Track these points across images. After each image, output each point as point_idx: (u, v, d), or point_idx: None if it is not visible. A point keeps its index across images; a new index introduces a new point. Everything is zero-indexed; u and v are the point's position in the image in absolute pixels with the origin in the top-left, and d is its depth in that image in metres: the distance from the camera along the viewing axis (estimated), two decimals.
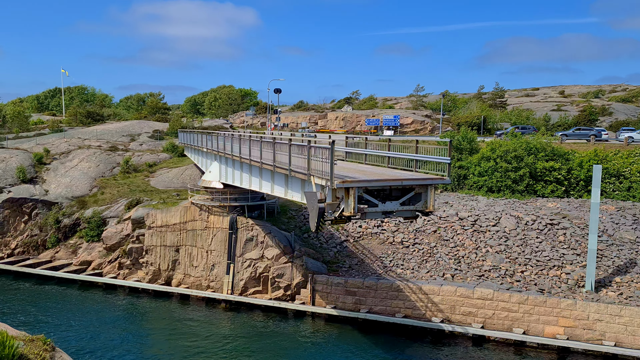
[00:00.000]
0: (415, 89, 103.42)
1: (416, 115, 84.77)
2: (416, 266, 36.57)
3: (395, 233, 39.42)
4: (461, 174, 48.74)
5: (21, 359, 10.09)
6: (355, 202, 19.64)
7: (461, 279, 34.88)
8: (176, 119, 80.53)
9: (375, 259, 37.76)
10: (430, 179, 20.26)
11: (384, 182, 20.23)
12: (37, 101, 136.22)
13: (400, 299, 34.41)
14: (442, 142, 33.84)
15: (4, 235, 49.16)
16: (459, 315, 33.13)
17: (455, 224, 39.34)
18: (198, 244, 41.00)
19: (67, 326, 34.26)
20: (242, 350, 31.19)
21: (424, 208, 20.57)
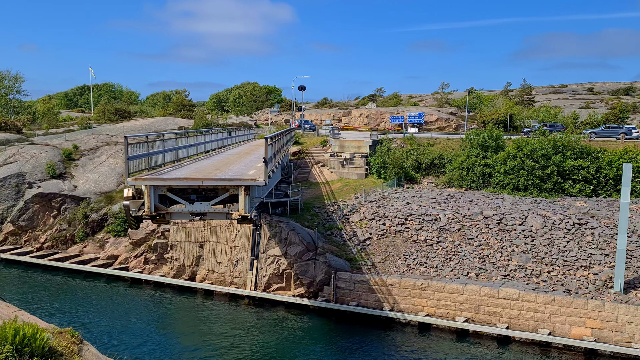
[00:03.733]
0: (440, 86, 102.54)
1: (441, 113, 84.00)
2: (440, 265, 36.28)
3: (419, 231, 39.17)
4: (486, 172, 48.15)
5: (50, 351, 10.31)
6: (151, 201, 17.95)
7: (486, 279, 34.50)
8: (201, 115, 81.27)
9: (398, 256, 37.59)
10: (237, 180, 17.91)
11: (190, 180, 18.13)
12: (66, 98, 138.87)
13: (424, 297, 34.19)
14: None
15: (33, 230, 50.30)
16: (483, 315, 32.78)
17: (480, 223, 38.91)
18: (222, 240, 41.35)
19: (94, 319, 34.92)
20: (265, 346, 31.38)
21: (234, 211, 18.23)
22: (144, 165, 19.86)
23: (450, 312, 33.51)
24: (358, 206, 43.54)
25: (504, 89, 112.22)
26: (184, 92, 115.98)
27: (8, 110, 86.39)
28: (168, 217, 18.57)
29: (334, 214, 42.66)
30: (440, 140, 57.89)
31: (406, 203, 43.46)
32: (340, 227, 40.81)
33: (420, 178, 52.29)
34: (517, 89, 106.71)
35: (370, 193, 47.20)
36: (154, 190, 17.97)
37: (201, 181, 17.85)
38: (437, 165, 52.37)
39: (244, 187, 17.74)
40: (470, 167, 48.87)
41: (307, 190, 48.93)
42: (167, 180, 18.07)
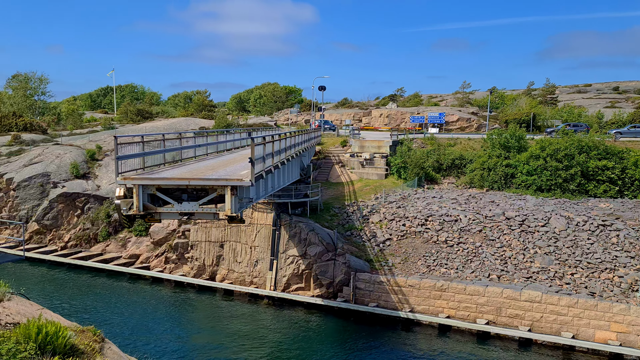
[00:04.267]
0: (461, 86, 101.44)
1: (462, 113, 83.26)
2: (460, 266, 35.94)
3: (439, 232, 38.85)
4: (508, 173, 47.56)
5: (72, 349, 10.43)
6: (140, 201, 18.01)
7: (508, 281, 34.07)
8: (222, 116, 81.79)
9: (418, 257, 37.33)
10: (224, 180, 17.85)
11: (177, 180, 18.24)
12: (90, 99, 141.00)
13: (444, 299, 33.90)
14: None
15: (57, 229, 51.15)
16: (505, 317, 32.37)
17: (502, 224, 38.43)
18: (242, 240, 41.54)
19: (116, 317, 35.35)
20: (284, 347, 31.43)
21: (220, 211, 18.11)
22: (140, 164, 20.14)
23: (471, 314, 33.17)
24: (378, 207, 43.36)
25: (527, 88, 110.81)
26: (205, 93, 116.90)
27: (34, 111, 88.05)
28: (157, 217, 18.61)
29: (353, 215, 42.55)
30: (461, 141, 57.37)
31: (426, 204, 43.15)
32: (360, 227, 40.69)
33: (440, 178, 51.87)
34: (540, 88, 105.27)
35: (391, 193, 46.97)
36: (143, 189, 18.09)
37: (188, 181, 17.94)
38: (457, 166, 51.89)
39: (230, 187, 17.72)
40: (492, 167, 48.31)
41: (327, 191, 48.89)
42: (155, 180, 18.10)
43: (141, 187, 17.95)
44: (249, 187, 18.61)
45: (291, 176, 35.60)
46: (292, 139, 31.34)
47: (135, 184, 17.85)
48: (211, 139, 33.77)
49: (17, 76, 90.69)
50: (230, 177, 18.02)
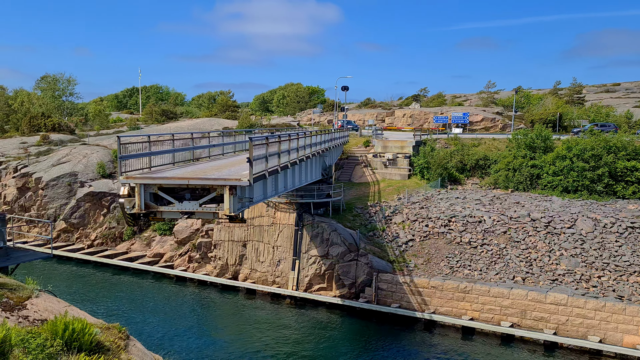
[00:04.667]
0: (486, 85, 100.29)
1: (486, 113, 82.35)
2: (484, 268, 35.55)
3: (462, 233, 38.48)
4: (534, 174, 46.89)
5: (98, 346, 10.61)
6: (141, 200, 18.30)
7: (533, 283, 33.58)
8: (245, 116, 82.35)
9: (441, 259, 37.03)
10: (222, 180, 18.06)
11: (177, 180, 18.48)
12: (116, 100, 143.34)
13: (467, 301, 33.57)
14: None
15: (84, 227, 52.09)
16: (529, 320, 31.92)
17: (527, 225, 37.90)
18: (265, 240, 41.74)
19: (141, 315, 35.85)
20: (306, 347, 31.49)
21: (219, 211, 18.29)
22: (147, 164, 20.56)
23: (495, 317, 32.78)
24: (401, 207, 43.15)
25: (553, 87, 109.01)
26: (229, 93, 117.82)
27: (62, 112, 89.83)
28: (159, 215, 18.92)
29: (376, 215, 42.42)
30: (485, 141, 56.74)
31: (450, 204, 42.78)
32: (383, 228, 40.55)
33: (464, 179, 51.39)
34: (567, 87, 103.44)
35: (413, 194, 46.70)
36: (145, 188, 18.39)
37: (187, 180, 18.10)
38: (482, 166, 51.34)
39: (228, 186, 17.88)
40: (517, 168, 47.68)
41: (350, 191, 48.83)
42: (156, 179, 18.42)
43: (142, 186, 18.29)
44: (247, 187, 18.74)
45: (310, 176, 35.60)
46: (306, 139, 31.17)
47: (137, 183, 18.21)
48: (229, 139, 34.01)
49: (46, 77, 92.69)
50: (229, 177, 18.22)
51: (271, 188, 24.96)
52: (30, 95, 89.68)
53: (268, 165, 21.44)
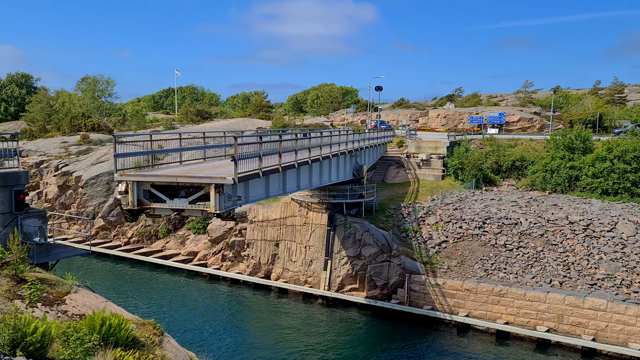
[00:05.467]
0: (523, 85, 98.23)
1: (523, 113, 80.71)
2: (520, 271, 34.84)
3: (498, 235, 37.81)
4: (572, 175, 45.75)
5: (134, 341, 10.82)
6: (134, 196, 18.85)
7: (570, 287, 32.75)
8: (278, 116, 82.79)
9: (475, 261, 36.47)
10: (207, 178, 18.40)
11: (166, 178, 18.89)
12: (153, 100, 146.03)
13: (502, 305, 32.97)
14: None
15: (121, 225, 53.26)
16: (566, 325, 31.14)
17: (565, 228, 36.98)
18: (297, 240, 41.88)
19: (174, 312, 36.44)
20: (337, 347, 31.46)
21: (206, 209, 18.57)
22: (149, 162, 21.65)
23: (530, 321, 32.11)
24: (434, 208, 42.69)
25: (593, 87, 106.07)
26: (263, 94, 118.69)
27: (101, 112, 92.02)
28: (151, 212, 19.41)
29: (409, 216, 42.07)
30: (522, 141, 55.65)
31: (484, 206, 42.10)
32: (416, 229, 40.18)
33: (499, 180, 50.51)
34: (608, 87, 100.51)
35: (447, 195, 46.14)
36: (138, 185, 18.94)
37: (176, 178, 18.69)
38: (518, 168, 50.37)
39: (213, 185, 18.16)
40: (555, 169, 46.60)
41: (383, 192, 48.57)
42: (147, 177, 19.02)
43: (135, 183, 18.88)
44: (232, 186, 18.91)
45: (336, 175, 35.46)
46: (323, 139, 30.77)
47: (129, 180, 18.85)
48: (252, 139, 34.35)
49: (86, 79, 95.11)
50: (215, 176, 18.51)
51: (278, 186, 25.07)
52: (71, 96, 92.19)
53: (262, 165, 21.57)
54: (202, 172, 20.34)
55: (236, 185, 18.81)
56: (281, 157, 23.61)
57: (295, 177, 27.60)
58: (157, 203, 18.93)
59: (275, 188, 24.98)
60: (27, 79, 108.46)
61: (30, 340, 8.07)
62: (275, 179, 24.64)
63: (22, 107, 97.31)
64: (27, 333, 8.11)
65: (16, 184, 16.11)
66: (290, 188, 27.17)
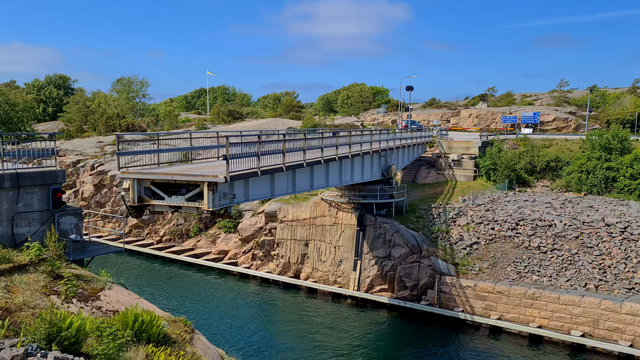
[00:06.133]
0: (558, 84, 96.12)
1: (558, 112, 79.02)
2: (554, 274, 34.09)
3: (531, 237, 37.08)
4: (609, 176, 44.55)
5: (165, 338, 10.99)
6: (134, 193, 19.43)
7: (606, 291, 31.90)
8: (309, 116, 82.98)
9: (507, 263, 35.85)
10: (201, 176, 18.76)
11: (163, 175, 19.34)
12: (185, 101, 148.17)
13: (535, 308, 32.32)
14: None
15: (154, 223, 54.19)
16: (602, 330, 30.33)
17: (601, 231, 36.03)
18: (326, 239, 41.89)
19: (205, 310, 36.88)
20: (365, 348, 31.34)
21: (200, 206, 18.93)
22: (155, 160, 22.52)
23: (564, 325, 31.39)
24: (465, 209, 42.13)
25: (632, 86, 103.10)
26: (293, 94, 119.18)
27: (135, 112, 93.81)
28: (151, 208, 19.81)
29: (440, 217, 41.62)
30: (557, 142, 54.47)
31: (517, 207, 41.35)
32: (447, 230, 39.73)
33: (533, 181, 49.56)
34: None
35: (479, 196, 45.49)
36: (138, 183, 19.53)
37: (172, 176, 19.09)
38: (552, 168, 49.33)
39: (207, 183, 18.54)
40: (591, 170, 45.47)
41: (413, 192, 48.19)
42: (146, 175, 19.49)
43: (136, 180, 19.48)
44: (230, 184, 19.31)
45: (361, 175, 35.20)
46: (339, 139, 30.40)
47: (130, 178, 19.43)
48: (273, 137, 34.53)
49: (121, 80, 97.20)
50: (208, 174, 18.93)
51: (286, 185, 25.14)
52: (107, 96, 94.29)
53: (261, 164, 21.69)
54: (201, 170, 20.83)
55: (228, 183, 19.20)
56: (285, 157, 23.71)
57: (307, 176, 27.42)
58: (156, 200, 19.54)
59: (283, 187, 25.08)
60: (65, 80, 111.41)
61: (66, 335, 8.26)
62: (282, 177, 24.65)
63: (59, 108, 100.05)
64: (62, 328, 8.31)
65: (53, 183, 16.53)
66: (301, 187, 27.05)
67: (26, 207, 15.83)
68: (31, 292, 11.45)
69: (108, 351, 8.79)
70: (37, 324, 8.38)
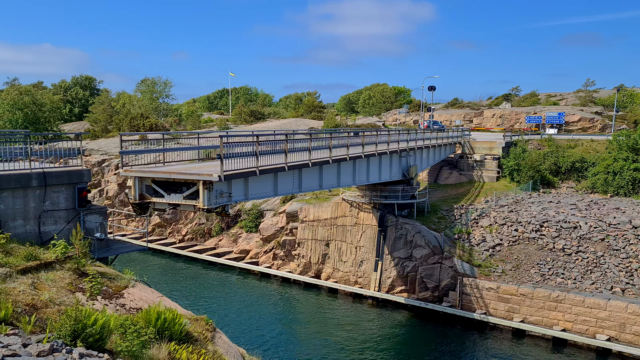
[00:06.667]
0: (584, 84, 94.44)
1: (584, 112, 77.65)
2: (579, 276, 33.53)
3: (556, 239, 36.52)
4: (637, 177, 43.64)
5: (187, 336, 11.10)
6: (136, 190, 19.77)
7: (633, 295, 31.24)
8: (330, 117, 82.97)
9: (531, 265, 35.35)
10: (197, 175, 18.99)
11: (161, 174, 19.64)
12: (208, 101, 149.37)
13: (559, 311, 31.83)
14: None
15: (176, 223, 54.75)
16: (629, 334, 29.72)
17: (628, 233, 35.30)
18: (347, 240, 41.84)
19: (226, 309, 37.13)
20: (385, 349, 31.22)
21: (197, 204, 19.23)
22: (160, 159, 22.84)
23: (590, 329, 30.84)
24: (488, 210, 41.68)
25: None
26: (315, 94, 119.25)
27: (158, 113, 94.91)
28: (152, 205, 20.15)
29: (462, 218, 41.25)
30: (582, 142, 53.56)
31: (542, 208, 40.76)
32: (469, 231, 39.36)
33: (558, 182, 48.80)
34: None
35: (502, 197, 44.95)
36: (140, 181, 19.86)
37: (169, 175, 19.44)
38: (578, 169, 48.51)
39: (202, 181, 18.82)
40: (618, 171, 44.59)
41: (435, 193, 47.86)
42: (146, 173, 19.83)
43: (137, 179, 19.78)
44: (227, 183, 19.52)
45: (377, 176, 34.98)
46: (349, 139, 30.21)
47: (131, 176, 19.74)
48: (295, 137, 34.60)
49: (145, 81, 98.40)
50: (203, 173, 19.17)
51: (292, 185, 25.25)
52: (131, 97, 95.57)
53: (266, 162, 21.82)
54: (201, 169, 21.01)
55: (225, 182, 19.42)
56: (287, 156, 23.72)
57: (315, 175, 27.36)
58: (157, 197, 19.90)
59: (288, 186, 25.17)
60: (91, 81, 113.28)
61: (90, 331, 8.39)
62: (287, 176, 24.72)
63: (85, 108, 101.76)
64: (87, 325, 8.45)
65: (79, 182, 16.81)
66: (308, 186, 26.99)
67: (53, 205, 16.14)
68: (57, 289, 11.66)
69: (132, 348, 8.91)
70: (62, 321, 8.53)
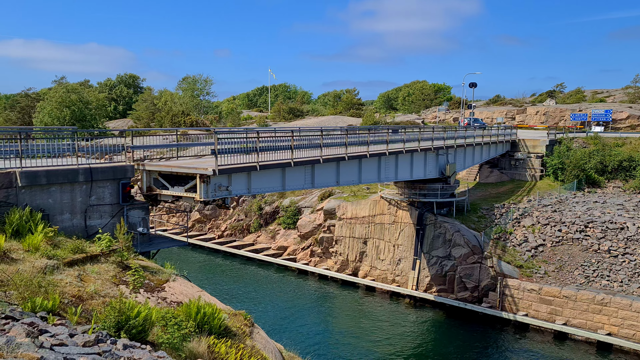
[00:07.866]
0: (633, 80, 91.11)
1: (633, 110, 74.88)
2: (626, 279, 32.40)
3: (601, 240, 35.39)
4: None
5: (226, 330, 11.27)
6: (144, 183, 20.67)
7: None
8: (369, 114, 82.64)
9: (575, 266, 34.37)
10: (194, 169, 19.81)
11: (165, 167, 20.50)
12: (247, 98, 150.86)
13: (605, 314, 30.85)
14: None
15: (216, 219, 55.59)
16: None
17: None
18: (385, 238, 41.61)
19: (264, 304, 37.50)
20: (423, 348, 30.94)
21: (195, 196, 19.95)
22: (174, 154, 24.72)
23: (637, 334, 29.78)
24: (530, 209, 40.72)
25: None
26: (354, 92, 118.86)
27: (199, 110, 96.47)
28: (159, 197, 21.01)
29: (503, 217, 40.43)
30: (630, 140, 51.68)
31: (587, 209, 39.56)
32: (510, 231, 38.55)
33: (604, 182, 47.25)
34: None
35: (545, 196, 43.84)
36: (148, 174, 20.80)
37: (171, 168, 20.31)
38: (625, 168, 46.85)
39: (199, 175, 19.60)
40: None
41: (475, 191, 47.06)
42: (153, 166, 20.77)
43: (145, 172, 20.67)
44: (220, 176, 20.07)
45: (408, 173, 34.57)
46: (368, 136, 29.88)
47: (141, 169, 20.57)
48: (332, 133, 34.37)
49: (186, 78, 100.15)
50: (199, 167, 19.86)
51: (304, 180, 25.30)
52: (173, 95, 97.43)
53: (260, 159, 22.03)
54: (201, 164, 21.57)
55: (222, 175, 20.13)
56: (293, 152, 23.77)
57: (332, 171, 27.25)
58: (162, 190, 20.69)
59: (299, 181, 25.27)
60: (135, 79, 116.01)
61: (133, 323, 8.62)
62: (298, 172, 24.85)
63: (129, 106, 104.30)
64: (130, 317, 8.67)
65: (123, 177, 17.29)
66: (322, 182, 26.97)
67: (98, 200, 16.62)
68: (102, 282, 12.01)
69: (172, 340, 9.10)
70: (107, 312, 8.78)
